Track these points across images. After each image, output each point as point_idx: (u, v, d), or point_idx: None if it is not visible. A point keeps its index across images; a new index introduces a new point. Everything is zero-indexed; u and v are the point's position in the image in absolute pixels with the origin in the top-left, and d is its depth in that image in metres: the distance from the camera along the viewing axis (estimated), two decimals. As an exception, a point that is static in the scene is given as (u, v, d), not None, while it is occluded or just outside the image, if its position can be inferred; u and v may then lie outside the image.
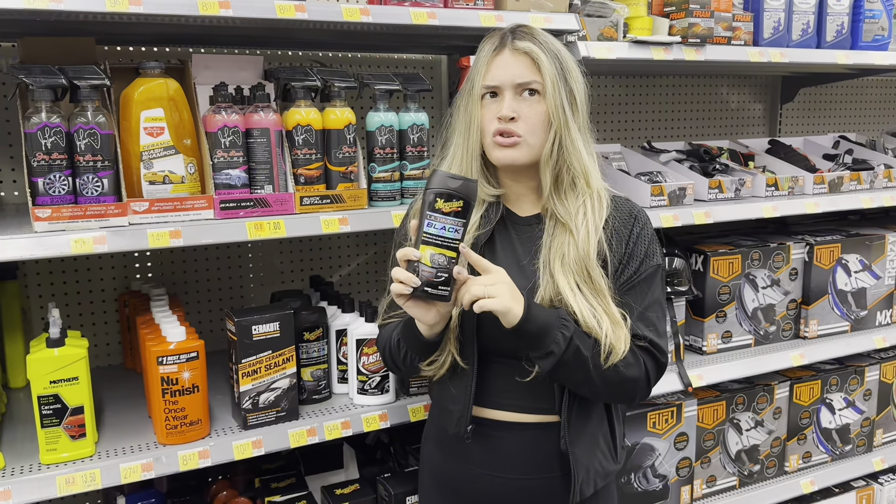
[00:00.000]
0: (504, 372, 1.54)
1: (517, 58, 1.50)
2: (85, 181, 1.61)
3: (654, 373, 1.53)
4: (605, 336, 1.44)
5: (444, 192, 1.33)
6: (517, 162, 1.52)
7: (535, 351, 1.43)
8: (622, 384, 1.48)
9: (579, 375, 1.45)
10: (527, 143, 1.50)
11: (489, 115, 1.52)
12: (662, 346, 1.53)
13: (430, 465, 1.71)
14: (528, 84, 1.50)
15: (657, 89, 3.10)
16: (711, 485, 2.47)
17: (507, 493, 1.57)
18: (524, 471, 1.56)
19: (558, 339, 1.41)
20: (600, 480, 1.58)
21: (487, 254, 1.55)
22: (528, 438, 1.56)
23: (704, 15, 2.22)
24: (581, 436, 1.55)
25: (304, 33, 2.06)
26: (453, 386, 1.56)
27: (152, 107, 1.70)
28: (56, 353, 1.63)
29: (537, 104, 1.50)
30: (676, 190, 2.26)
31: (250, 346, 1.78)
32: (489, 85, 1.52)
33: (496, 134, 1.51)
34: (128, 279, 2.31)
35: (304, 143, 1.83)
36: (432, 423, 1.72)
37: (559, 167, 1.52)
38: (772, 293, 2.52)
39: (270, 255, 2.49)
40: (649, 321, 1.53)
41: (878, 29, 2.61)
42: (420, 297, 1.37)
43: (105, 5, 1.55)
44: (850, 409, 2.70)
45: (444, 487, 1.66)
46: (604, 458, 1.58)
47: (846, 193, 2.58)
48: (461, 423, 1.54)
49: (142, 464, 1.69)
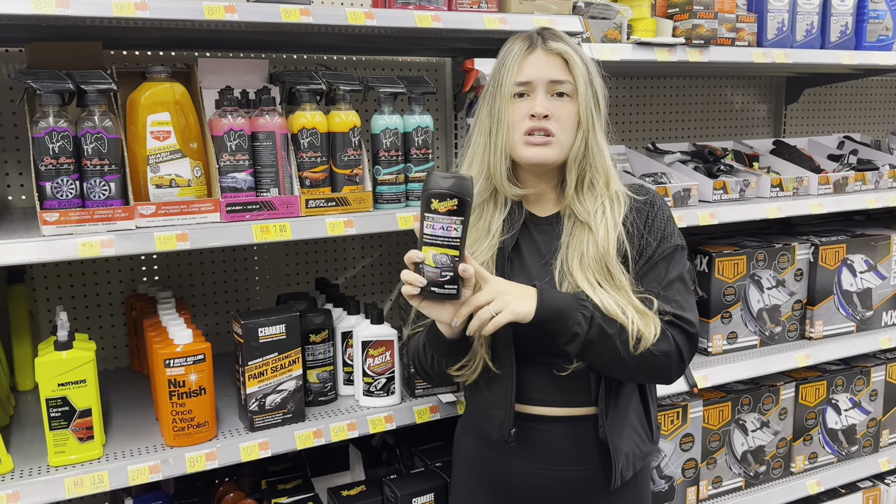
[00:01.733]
0: (540, 370, 1.56)
1: (550, 58, 1.54)
2: (92, 185, 1.62)
3: (686, 345, 1.52)
4: (631, 323, 1.45)
5: (437, 193, 1.35)
6: (548, 161, 1.54)
7: (560, 337, 1.44)
8: (654, 360, 1.48)
9: (608, 355, 1.45)
10: (558, 142, 1.53)
11: (520, 113, 1.54)
12: (689, 317, 1.53)
13: (467, 458, 1.72)
14: (561, 82, 1.53)
15: (661, 90, 3.10)
16: (717, 486, 2.47)
17: (549, 485, 1.59)
18: (565, 463, 1.58)
19: (579, 320, 1.43)
20: (639, 462, 1.60)
21: (515, 257, 1.58)
22: (568, 431, 1.58)
23: (708, 16, 2.23)
24: (618, 423, 1.57)
25: (309, 37, 2.07)
26: (491, 390, 1.58)
27: (158, 111, 1.71)
28: (64, 355, 1.64)
29: (569, 104, 1.54)
30: (681, 191, 2.26)
31: (257, 349, 1.79)
32: (522, 81, 1.54)
33: (528, 133, 1.53)
34: (134, 282, 2.32)
35: (309, 146, 1.84)
36: (470, 416, 1.74)
37: (583, 167, 1.56)
38: (777, 294, 2.52)
39: (276, 257, 2.50)
40: (671, 297, 1.53)
41: (883, 29, 2.61)
42: (429, 296, 1.39)
43: (112, 10, 1.56)
44: (856, 410, 2.70)
45: (482, 479, 1.67)
46: (640, 440, 1.61)
47: (851, 194, 2.58)
48: (504, 427, 1.56)
49: (149, 466, 1.69)
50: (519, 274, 1.55)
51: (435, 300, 1.40)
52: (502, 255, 1.57)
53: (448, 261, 1.36)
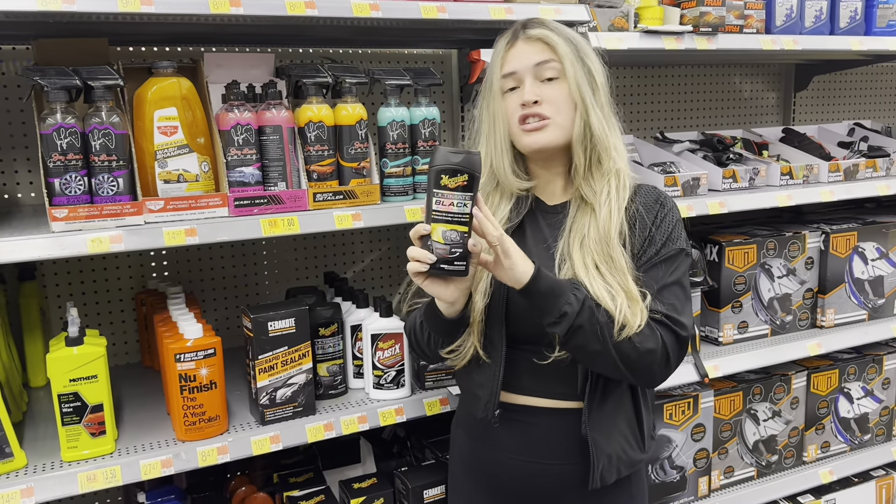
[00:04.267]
0: (530, 358, 1.56)
1: (532, 44, 1.55)
2: (100, 181, 1.62)
3: (674, 347, 1.51)
4: (618, 311, 1.44)
5: (448, 168, 1.33)
6: (549, 144, 1.54)
7: (548, 316, 1.43)
8: (639, 358, 1.46)
9: (595, 345, 1.44)
10: (555, 124, 1.53)
11: (512, 105, 1.55)
12: (682, 321, 1.52)
13: (459, 451, 1.73)
14: (544, 63, 1.52)
15: (669, 79, 3.08)
16: (729, 475, 2.46)
17: (534, 478, 1.59)
18: (550, 456, 1.58)
19: (571, 301, 1.42)
20: (624, 468, 1.58)
21: (518, 238, 1.57)
22: (554, 424, 1.58)
23: (716, 3, 2.21)
24: (603, 422, 1.55)
25: (315, 30, 2.06)
26: (480, 372, 1.58)
27: (165, 106, 1.71)
28: (75, 351, 1.65)
29: (558, 85, 1.53)
30: (690, 180, 2.25)
31: (266, 343, 1.79)
32: (507, 73, 1.55)
33: (522, 120, 1.53)
34: (144, 278, 2.33)
35: (316, 139, 1.83)
36: (462, 411, 1.74)
37: (591, 144, 1.54)
38: (787, 283, 2.51)
39: (285, 251, 2.50)
40: (667, 299, 1.52)
41: (893, 14, 2.58)
42: (436, 274, 1.38)
43: (117, 6, 1.56)
44: (868, 399, 2.68)
45: (473, 473, 1.68)
46: (628, 445, 1.58)
47: (862, 181, 2.56)
48: (489, 407, 1.56)
49: (161, 460, 1.70)
50: None
51: (442, 277, 1.39)
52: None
53: (458, 237, 1.35)
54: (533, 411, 1.59)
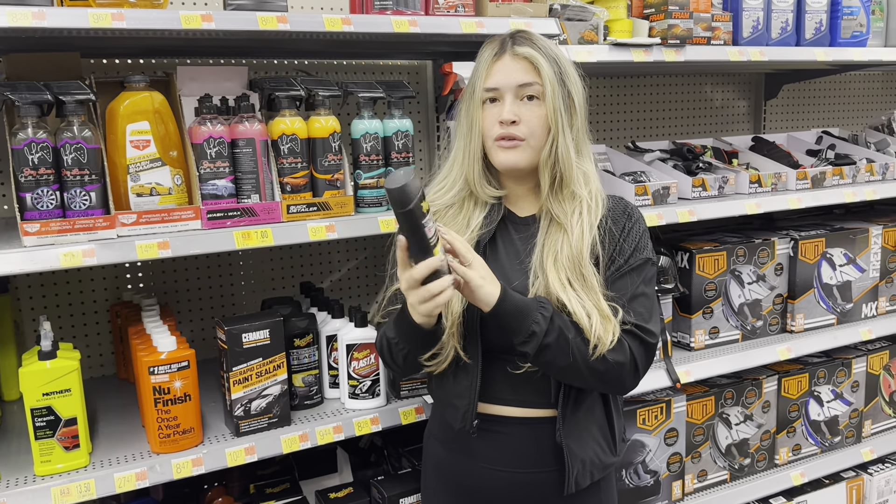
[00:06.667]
0: (504, 367, 1.58)
1: (517, 62, 1.55)
2: (73, 195, 1.63)
3: (642, 356, 1.54)
4: (593, 331, 1.47)
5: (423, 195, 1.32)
6: (519, 165, 1.57)
7: (517, 335, 1.45)
8: (609, 370, 1.50)
9: (564, 360, 1.47)
10: (528, 146, 1.55)
11: (490, 119, 1.57)
12: (650, 328, 1.55)
13: (433, 461, 1.74)
14: (528, 85, 1.54)
15: (641, 89, 3.13)
16: (702, 479, 2.50)
17: (509, 487, 1.61)
18: (525, 464, 1.60)
19: (538, 319, 1.44)
20: (597, 472, 1.61)
21: (490, 252, 1.60)
22: (528, 432, 1.60)
23: (683, 16, 2.25)
24: (576, 429, 1.58)
25: (289, 42, 2.08)
26: (457, 382, 1.60)
27: (138, 120, 1.72)
28: (48, 365, 1.65)
29: (537, 108, 1.55)
30: (660, 189, 2.29)
31: (241, 354, 1.80)
32: (490, 88, 1.56)
33: (498, 138, 1.55)
34: (120, 290, 2.33)
35: (289, 151, 1.85)
36: (435, 420, 1.75)
37: (557, 169, 1.57)
38: (758, 288, 2.55)
39: (261, 262, 2.51)
40: (636, 309, 1.55)
41: (857, 25, 2.64)
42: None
43: (88, 21, 1.57)
44: (838, 401, 2.73)
45: (447, 483, 1.69)
46: (601, 450, 1.61)
47: (829, 188, 2.61)
48: (467, 417, 1.58)
49: (136, 473, 1.70)
50: (493, 269, 1.56)
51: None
52: (477, 248, 1.57)
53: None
54: (507, 421, 1.61)
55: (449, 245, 1.40)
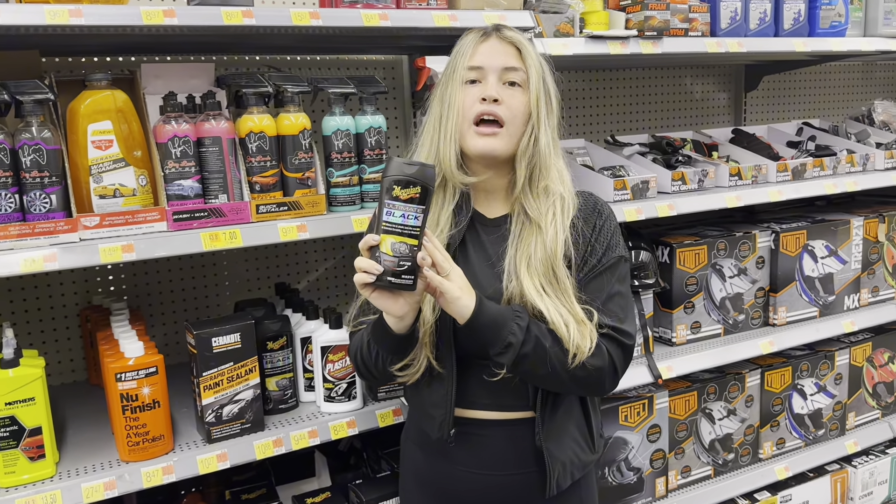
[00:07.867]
0: (481, 373, 1.54)
1: (504, 45, 1.54)
2: (32, 198, 1.58)
3: (620, 358, 1.52)
4: (571, 340, 1.44)
5: (401, 179, 1.30)
6: (496, 152, 1.52)
7: (493, 347, 1.42)
8: (588, 376, 1.47)
9: (543, 369, 1.44)
10: (507, 133, 1.51)
11: (471, 98, 1.52)
12: (626, 329, 1.52)
13: (411, 464, 1.71)
14: (513, 69, 1.52)
15: (620, 82, 3.10)
16: (686, 475, 2.47)
17: (489, 490, 1.58)
18: (504, 467, 1.57)
19: (514, 330, 1.41)
20: (577, 472, 1.59)
21: (461, 256, 1.55)
22: (507, 435, 1.57)
23: (660, 7, 2.22)
24: (556, 430, 1.56)
25: (257, 38, 2.03)
26: (432, 391, 1.56)
27: (99, 119, 1.66)
28: (10, 373, 1.61)
29: (520, 94, 1.52)
30: (639, 183, 2.26)
31: (211, 359, 1.76)
32: (474, 66, 1.53)
33: (478, 119, 1.51)
34: (89, 293, 2.27)
35: (258, 150, 1.80)
36: (412, 423, 1.72)
37: (534, 163, 1.54)
38: (739, 282, 2.53)
39: (235, 264, 2.46)
40: (612, 309, 1.53)
41: (835, 15, 2.62)
42: (384, 286, 1.33)
43: (45, 19, 1.52)
44: (821, 394, 2.72)
45: (425, 486, 1.66)
46: (580, 449, 1.60)
47: (810, 180, 2.59)
48: (444, 427, 1.55)
49: (104, 482, 1.66)
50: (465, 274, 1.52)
51: (389, 290, 1.35)
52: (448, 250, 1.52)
53: (407, 250, 1.32)
54: (486, 424, 1.58)
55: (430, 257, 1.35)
